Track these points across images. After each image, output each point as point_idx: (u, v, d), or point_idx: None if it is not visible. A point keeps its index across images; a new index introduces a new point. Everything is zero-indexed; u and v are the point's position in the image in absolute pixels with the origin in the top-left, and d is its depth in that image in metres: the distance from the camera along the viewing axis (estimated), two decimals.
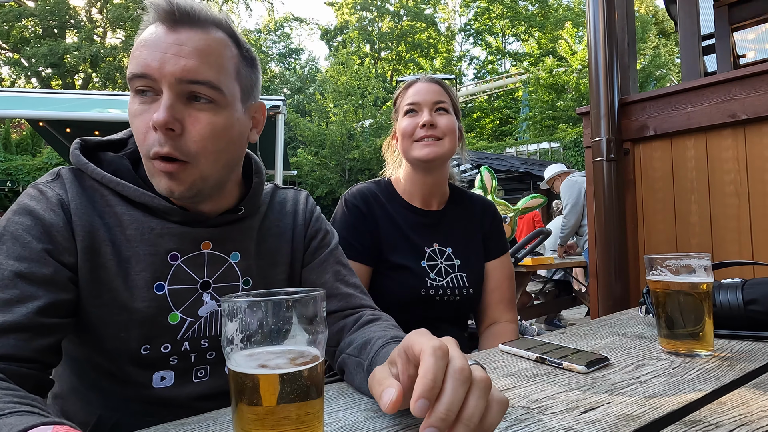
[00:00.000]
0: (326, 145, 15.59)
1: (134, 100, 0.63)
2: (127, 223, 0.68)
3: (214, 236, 0.72)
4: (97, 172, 0.68)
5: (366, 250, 1.12)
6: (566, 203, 3.90)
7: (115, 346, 0.67)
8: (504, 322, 1.19)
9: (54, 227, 0.62)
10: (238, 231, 0.75)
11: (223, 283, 0.73)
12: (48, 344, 0.58)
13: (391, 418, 0.53)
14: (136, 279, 0.67)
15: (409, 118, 1.15)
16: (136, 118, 0.63)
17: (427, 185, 1.19)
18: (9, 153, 14.51)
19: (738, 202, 1.65)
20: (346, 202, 1.17)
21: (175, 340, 0.70)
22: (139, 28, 0.67)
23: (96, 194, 0.68)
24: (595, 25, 1.98)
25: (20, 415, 0.43)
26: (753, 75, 1.61)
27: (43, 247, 0.61)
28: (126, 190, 0.67)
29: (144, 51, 0.62)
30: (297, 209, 0.85)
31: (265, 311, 0.40)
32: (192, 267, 0.71)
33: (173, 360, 0.70)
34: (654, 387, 0.60)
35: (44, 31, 21.05)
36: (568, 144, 13.49)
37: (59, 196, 0.65)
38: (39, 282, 0.59)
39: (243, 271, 0.75)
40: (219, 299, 0.72)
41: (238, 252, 0.75)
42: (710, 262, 0.75)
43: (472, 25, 30.13)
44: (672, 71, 16.96)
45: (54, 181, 0.67)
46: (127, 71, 0.64)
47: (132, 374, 0.69)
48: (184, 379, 0.72)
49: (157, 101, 0.62)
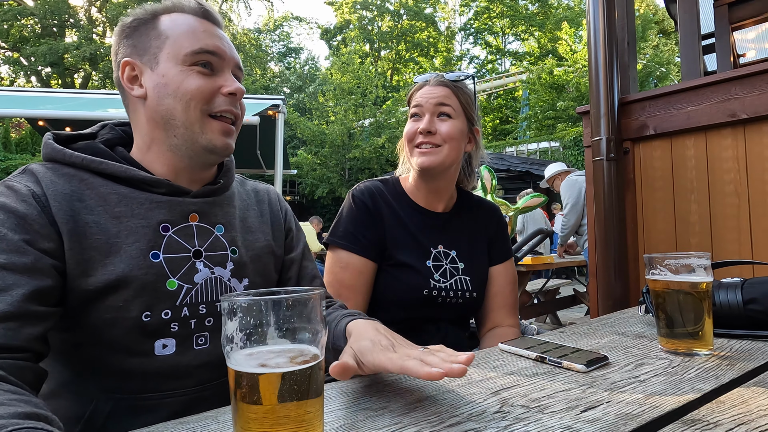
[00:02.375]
0: (326, 145, 15.58)
1: (191, 70, 0.75)
2: (115, 200, 0.71)
3: (200, 209, 0.79)
4: (76, 156, 0.72)
5: (371, 245, 1.12)
6: (566, 203, 3.90)
7: (115, 317, 0.68)
8: (506, 326, 1.19)
9: (28, 217, 0.64)
10: (218, 206, 0.82)
11: (213, 252, 0.79)
12: (37, 333, 0.59)
13: (391, 417, 0.53)
14: (129, 250, 0.70)
15: (412, 122, 1.15)
16: (199, 81, 0.75)
17: (432, 189, 1.18)
18: (8, 152, 14.49)
19: (738, 201, 1.65)
20: (354, 198, 1.17)
21: (175, 306, 0.73)
22: (160, 11, 0.78)
23: (73, 180, 0.71)
24: (595, 25, 1.98)
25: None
26: (753, 74, 1.61)
27: (20, 237, 0.61)
28: (109, 168, 0.72)
29: (205, 35, 0.76)
30: (270, 199, 0.95)
31: (264, 310, 0.40)
32: (183, 237, 0.76)
33: (174, 326, 0.73)
34: (653, 386, 0.60)
35: (44, 30, 21.02)
36: (568, 143, 13.48)
37: (28, 188, 0.66)
38: (21, 270, 0.60)
39: (229, 242, 0.81)
40: (212, 267, 0.78)
41: (221, 225, 0.81)
42: (710, 262, 0.75)
43: (472, 24, 30.09)
44: (672, 70, 16.95)
45: (21, 176, 0.69)
46: (188, 45, 0.75)
47: (133, 344, 0.70)
48: (185, 346, 0.74)
49: (219, 75, 0.77)
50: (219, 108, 0.77)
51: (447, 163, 1.12)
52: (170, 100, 0.75)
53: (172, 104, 0.75)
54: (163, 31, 0.76)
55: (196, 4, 0.79)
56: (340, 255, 1.11)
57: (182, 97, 0.74)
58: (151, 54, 0.76)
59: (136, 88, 0.76)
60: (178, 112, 0.75)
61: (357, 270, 1.10)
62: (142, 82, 0.76)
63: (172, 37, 0.75)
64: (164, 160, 0.78)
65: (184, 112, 0.75)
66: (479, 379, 0.66)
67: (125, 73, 0.76)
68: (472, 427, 0.49)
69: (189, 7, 0.79)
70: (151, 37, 0.76)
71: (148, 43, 0.76)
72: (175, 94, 0.74)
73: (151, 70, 0.75)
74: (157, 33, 0.76)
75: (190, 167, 0.80)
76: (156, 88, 0.75)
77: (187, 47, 0.75)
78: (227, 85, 0.77)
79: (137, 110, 0.78)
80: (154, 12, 0.78)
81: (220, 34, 0.79)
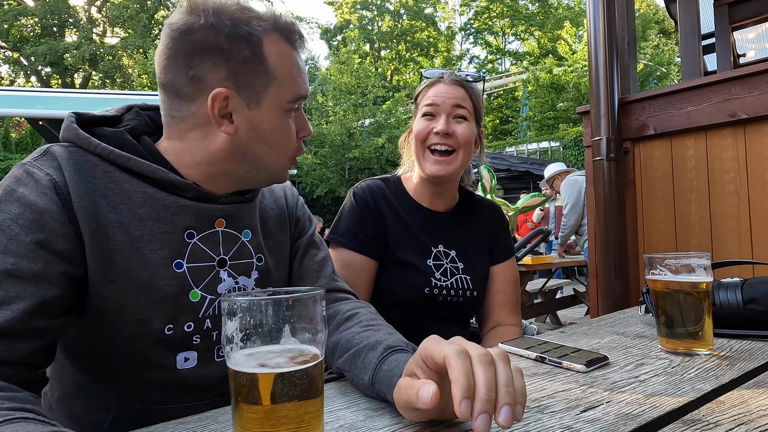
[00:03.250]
0: (326, 145, 15.57)
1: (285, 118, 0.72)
2: (140, 200, 0.66)
3: (227, 214, 0.73)
4: (103, 147, 0.65)
5: (372, 243, 1.12)
6: (566, 202, 3.90)
7: (137, 330, 0.65)
8: (507, 325, 1.19)
9: (47, 213, 0.58)
10: (246, 210, 0.77)
11: (238, 260, 0.74)
12: (35, 347, 0.56)
13: (390, 417, 0.53)
14: (152, 258, 0.65)
15: (426, 121, 1.11)
16: (291, 129, 0.73)
17: (436, 192, 1.18)
18: (8, 152, 14.48)
19: (738, 201, 1.65)
20: (355, 196, 1.17)
21: (197, 318, 0.69)
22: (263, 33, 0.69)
23: (97, 170, 0.64)
24: (595, 24, 1.98)
25: (17, 423, 0.42)
26: (753, 74, 1.61)
27: (32, 239, 0.56)
28: (138, 166, 0.65)
29: (302, 78, 0.73)
30: (286, 194, 0.90)
31: (264, 310, 0.40)
32: (208, 245, 0.71)
33: (196, 339, 0.70)
34: (653, 386, 0.60)
35: (44, 30, 21.02)
36: (568, 143, 13.48)
37: (50, 176, 0.60)
38: (27, 279, 0.55)
39: (255, 249, 0.77)
40: (236, 276, 0.74)
41: (248, 230, 0.77)
42: (710, 262, 0.75)
43: (472, 24, 30.10)
44: (672, 71, 16.95)
45: (42, 160, 0.62)
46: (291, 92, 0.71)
47: (155, 357, 0.67)
48: (206, 359, 0.71)
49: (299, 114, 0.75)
50: (300, 152, 0.77)
51: (460, 170, 1.12)
52: (263, 147, 0.71)
53: (265, 150, 0.71)
54: (270, 70, 0.68)
55: (290, 24, 0.71)
56: (341, 253, 1.11)
57: (278, 147, 0.72)
58: (253, 90, 0.68)
59: (226, 124, 0.67)
60: (269, 159, 0.72)
61: (358, 268, 1.10)
62: (234, 118, 0.68)
63: (278, 78, 0.69)
64: (208, 173, 0.71)
65: (276, 160, 0.73)
66: None
67: (217, 104, 0.66)
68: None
69: (285, 27, 0.70)
70: (257, 72, 0.67)
71: (253, 78, 0.67)
72: (271, 142, 0.71)
73: (248, 108, 0.68)
74: (265, 69, 0.68)
75: (233, 185, 0.74)
76: (252, 130, 0.69)
77: (290, 95, 0.71)
78: (304, 129, 0.76)
79: (208, 136, 0.69)
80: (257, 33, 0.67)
81: (305, 67, 0.75)
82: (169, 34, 0.66)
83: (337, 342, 0.71)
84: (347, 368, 0.66)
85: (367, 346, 0.65)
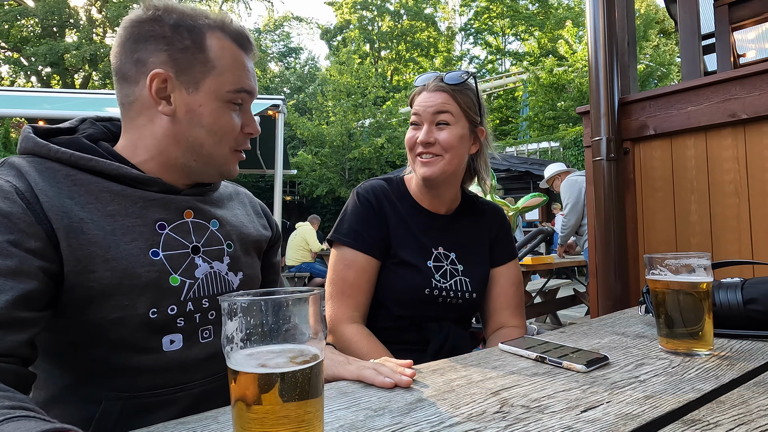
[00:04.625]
0: (326, 145, 15.56)
1: (227, 107, 0.76)
2: (107, 198, 0.70)
3: (193, 206, 0.79)
4: (63, 152, 0.69)
5: (375, 243, 1.13)
6: (566, 203, 3.90)
7: (122, 315, 0.68)
8: (510, 327, 1.19)
9: (12, 215, 0.60)
10: (210, 202, 0.83)
11: (210, 246, 0.80)
12: (22, 339, 0.57)
13: (390, 417, 0.53)
14: (129, 248, 0.69)
15: (412, 129, 1.15)
16: (233, 122, 0.77)
17: (435, 194, 1.19)
18: (8, 152, 14.51)
19: (738, 201, 1.65)
20: (358, 196, 1.18)
21: (180, 301, 0.73)
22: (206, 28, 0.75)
23: (59, 175, 0.68)
24: (595, 25, 1.97)
25: (18, 421, 0.42)
26: (753, 74, 1.61)
27: (3, 239, 0.59)
28: (99, 165, 0.70)
29: (246, 74, 0.78)
30: (251, 199, 0.99)
31: (264, 310, 0.40)
32: (180, 234, 0.76)
33: (180, 322, 0.73)
34: (653, 386, 0.60)
35: (44, 31, 21.02)
36: (568, 143, 13.48)
37: (11, 183, 0.63)
38: (5, 274, 0.57)
39: (224, 237, 0.83)
40: (210, 261, 0.79)
41: (216, 220, 0.82)
42: (710, 262, 0.75)
43: (472, 24, 30.08)
44: (672, 71, 16.94)
45: (2, 170, 0.66)
46: (231, 83, 0.75)
47: (141, 341, 0.70)
48: (191, 340, 0.75)
49: (245, 112, 0.80)
50: (243, 146, 0.81)
51: (449, 171, 1.12)
52: (201, 131, 0.75)
53: (204, 136, 0.75)
54: (211, 59, 0.74)
55: (239, 29, 0.78)
56: (344, 253, 1.12)
57: (216, 132, 0.76)
58: (191, 76, 0.73)
59: (164, 104, 0.73)
60: (208, 145, 0.76)
61: (361, 268, 1.11)
62: (171, 100, 0.73)
63: (218, 68, 0.74)
64: (163, 166, 0.77)
65: (215, 147, 0.77)
66: (479, 379, 0.66)
67: (155, 84, 0.72)
68: (472, 427, 0.49)
69: (233, 30, 0.77)
70: (197, 59, 0.73)
71: (192, 64, 0.73)
72: (209, 127, 0.75)
73: (186, 92, 0.73)
74: (205, 58, 0.74)
75: (188, 178, 0.80)
76: (189, 113, 0.74)
77: (231, 85, 0.75)
78: (250, 126, 0.81)
79: (153, 120, 0.75)
80: (200, 27, 0.74)
81: (253, 70, 0.81)
82: (122, 25, 0.74)
83: None
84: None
85: None
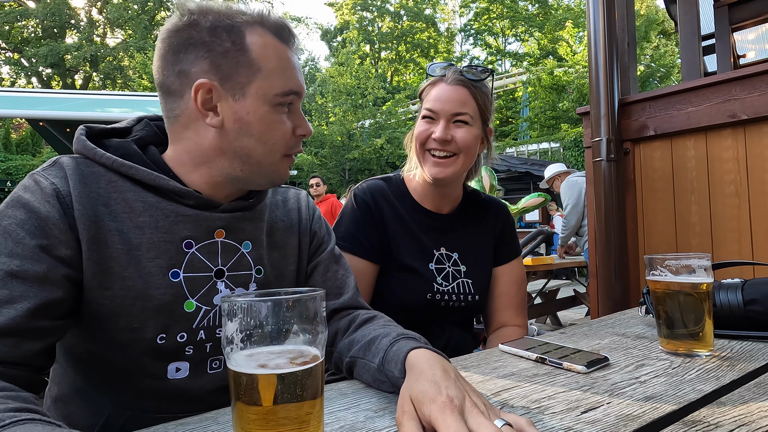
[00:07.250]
0: (326, 146, 15.57)
1: (277, 112, 0.71)
2: (140, 209, 0.67)
3: (227, 225, 0.73)
4: (107, 157, 0.67)
5: (373, 247, 1.09)
6: (566, 203, 3.90)
7: (130, 338, 0.66)
8: (512, 326, 1.17)
9: (50, 220, 0.60)
10: (248, 221, 0.77)
11: (236, 271, 0.74)
12: (38, 348, 0.57)
13: (390, 418, 0.53)
14: (149, 266, 0.66)
15: (426, 123, 1.09)
16: (285, 127, 0.72)
17: (440, 194, 1.16)
18: (9, 153, 14.50)
19: (738, 202, 1.65)
20: (356, 197, 1.14)
21: (191, 328, 0.69)
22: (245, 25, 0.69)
23: (102, 180, 0.67)
24: (595, 25, 1.98)
25: (24, 424, 0.42)
26: (753, 75, 1.61)
27: (36, 243, 0.58)
28: (139, 174, 0.67)
29: (293, 72, 0.72)
30: (300, 206, 0.88)
31: (265, 311, 0.40)
32: (206, 255, 0.71)
33: (189, 350, 0.70)
34: (654, 387, 0.60)
35: (45, 32, 21.04)
36: (569, 144, 13.48)
37: (54, 185, 0.62)
38: (31, 280, 0.57)
39: (255, 261, 0.76)
40: (233, 288, 0.74)
41: (249, 242, 0.76)
42: (710, 262, 0.75)
43: (472, 25, 30.11)
44: (673, 72, 16.94)
45: (50, 169, 0.65)
46: (279, 85, 0.70)
47: (147, 366, 0.68)
48: (198, 370, 0.71)
49: (296, 113, 0.74)
50: (295, 150, 0.75)
51: (462, 172, 1.10)
52: (251, 140, 0.70)
53: (253, 145, 0.70)
54: (255, 61, 0.68)
55: (279, 21, 0.72)
56: None
57: (267, 141, 0.70)
58: (236, 83, 0.68)
59: (211, 116, 0.68)
60: (258, 154, 0.71)
61: (358, 272, 1.07)
62: (219, 110, 0.68)
63: (264, 71, 0.69)
64: (208, 177, 0.72)
65: (266, 156, 0.71)
66: (480, 379, 0.66)
67: (200, 95, 0.67)
68: None
69: (272, 23, 0.71)
70: (240, 63, 0.68)
71: (236, 69, 0.68)
72: (259, 136, 0.70)
73: (233, 100, 0.68)
74: (248, 61, 0.68)
75: (235, 188, 0.75)
76: (237, 122, 0.69)
77: (279, 87, 0.70)
78: (302, 127, 0.75)
79: (199, 132, 0.70)
80: (238, 25, 0.68)
81: (299, 65, 0.74)
82: (160, 37, 0.70)
83: (354, 338, 0.73)
84: (361, 355, 0.67)
85: (381, 334, 0.68)
